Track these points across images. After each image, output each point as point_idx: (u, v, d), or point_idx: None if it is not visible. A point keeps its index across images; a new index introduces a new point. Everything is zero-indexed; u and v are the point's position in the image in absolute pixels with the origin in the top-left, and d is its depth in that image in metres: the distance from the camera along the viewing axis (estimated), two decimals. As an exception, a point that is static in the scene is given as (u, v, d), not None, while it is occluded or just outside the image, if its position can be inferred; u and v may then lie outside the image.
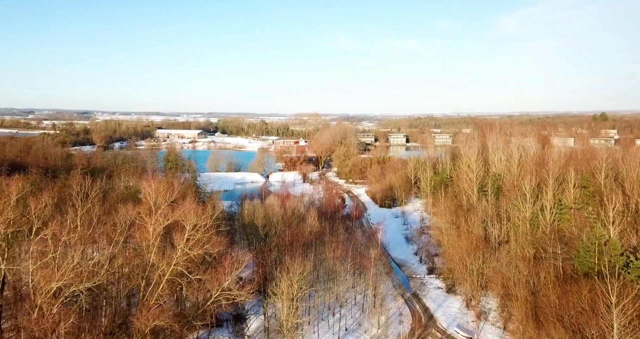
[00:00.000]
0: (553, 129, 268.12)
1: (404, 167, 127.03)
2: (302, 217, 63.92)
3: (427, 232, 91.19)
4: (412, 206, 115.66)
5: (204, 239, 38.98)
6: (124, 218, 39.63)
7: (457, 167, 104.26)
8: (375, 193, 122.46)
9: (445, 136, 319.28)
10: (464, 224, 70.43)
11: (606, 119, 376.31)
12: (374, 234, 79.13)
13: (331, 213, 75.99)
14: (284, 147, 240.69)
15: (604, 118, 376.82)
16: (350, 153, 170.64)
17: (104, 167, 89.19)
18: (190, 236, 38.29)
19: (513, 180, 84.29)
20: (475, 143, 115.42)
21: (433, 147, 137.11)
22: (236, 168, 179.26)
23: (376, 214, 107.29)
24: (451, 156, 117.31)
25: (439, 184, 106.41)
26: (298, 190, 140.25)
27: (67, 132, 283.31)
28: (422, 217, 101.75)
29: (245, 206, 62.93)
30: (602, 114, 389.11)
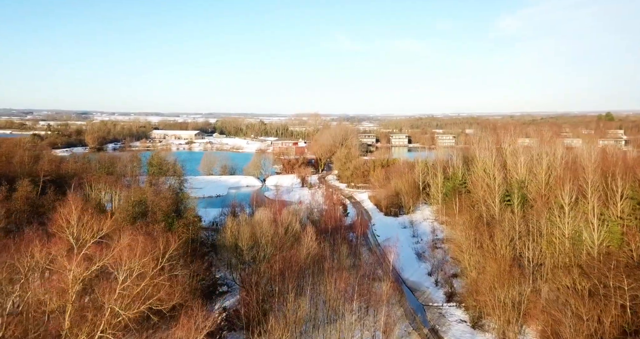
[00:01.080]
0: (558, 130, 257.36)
1: (411, 171, 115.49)
2: (297, 236, 52.54)
3: (440, 247, 79.72)
4: (421, 214, 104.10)
5: (150, 288, 27.56)
6: (26, 263, 27.98)
7: (472, 172, 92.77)
8: (379, 200, 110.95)
9: (449, 136, 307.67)
10: (488, 241, 58.96)
11: (612, 119, 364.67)
12: (384, 255, 67.31)
13: (332, 228, 64.34)
14: (282, 148, 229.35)
15: (609, 118, 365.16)
16: (351, 155, 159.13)
17: (75, 173, 77.79)
18: (122, 289, 26.78)
19: (540, 188, 72.94)
20: (489, 145, 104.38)
21: (441, 149, 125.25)
22: (231, 171, 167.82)
23: (382, 225, 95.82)
24: (462, 159, 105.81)
25: (451, 191, 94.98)
26: (296, 196, 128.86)
27: (58, 133, 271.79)
28: (433, 228, 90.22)
29: (228, 223, 51.48)
30: (608, 114, 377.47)
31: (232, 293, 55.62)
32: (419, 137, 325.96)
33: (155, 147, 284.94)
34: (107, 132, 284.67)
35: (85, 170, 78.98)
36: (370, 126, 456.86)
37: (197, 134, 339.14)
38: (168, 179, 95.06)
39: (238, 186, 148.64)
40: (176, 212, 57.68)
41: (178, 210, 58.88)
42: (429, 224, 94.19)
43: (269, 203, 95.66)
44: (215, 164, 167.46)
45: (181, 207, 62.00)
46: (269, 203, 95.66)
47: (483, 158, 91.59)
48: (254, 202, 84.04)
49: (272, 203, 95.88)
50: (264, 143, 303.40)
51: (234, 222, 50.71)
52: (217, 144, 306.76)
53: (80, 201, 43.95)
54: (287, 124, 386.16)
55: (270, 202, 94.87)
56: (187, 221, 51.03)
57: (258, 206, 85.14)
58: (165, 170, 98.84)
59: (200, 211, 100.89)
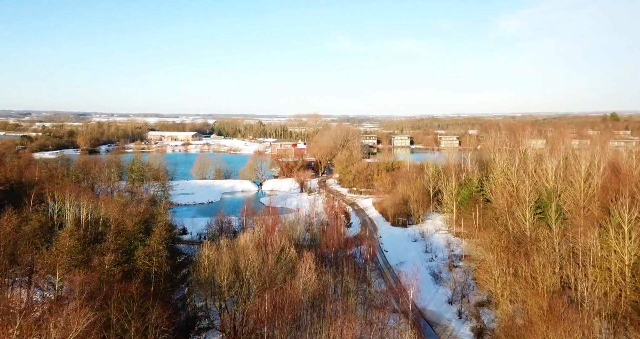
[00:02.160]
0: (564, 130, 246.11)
1: (419, 176, 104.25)
2: (292, 265, 41.46)
3: (458, 265, 68.63)
4: (432, 224, 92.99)
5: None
6: None
7: (491, 178, 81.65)
8: (385, 208, 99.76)
9: (452, 137, 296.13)
10: (525, 266, 47.89)
11: (617, 119, 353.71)
12: (399, 285, 55.26)
13: (335, 250, 52.86)
14: (280, 150, 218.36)
15: (615, 118, 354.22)
16: (353, 158, 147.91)
17: (39, 181, 66.62)
18: None
19: (577, 199, 61.76)
20: (507, 147, 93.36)
21: (452, 151, 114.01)
22: (226, 175, 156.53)
23: (389, 237, 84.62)
24: (478, 162, 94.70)
25: (467, 200, 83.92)
26: (294, 202, 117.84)
27: (49, 135, 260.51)
28: (448, 242, 79.11)
29: (205, 250, 40.23)
30: (613, 114, 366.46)
31: (215, 330, 44.49)
32: (421, 138, 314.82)
33: (151, 149, 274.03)
34: (100, 133, 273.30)
35: (52, 177, 67.90)
36: (371, 127, 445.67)
37: (194, 136, 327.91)
38: (149, 187, 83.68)
39: (232, 191, 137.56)
40: (146, 232, 46.63)
41: (149, 229, 47.82)
42: (442, 237, 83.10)
43: (264, 213, 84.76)
44: (209, 167, 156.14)
45: (152, 225, 50.65)
46: (264, 213, 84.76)
47: (503, 162, 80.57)
48: (244, 216, 72.54)
49: (267, 212, 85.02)
50: (263, 144, 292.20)
51: (211, 248, 39.65)
52: (214, 145, 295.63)
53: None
54: (286, 125, 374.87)
55: (264, 214, 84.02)
56: (150, 249, 39.71)
57: (250, 216, 74.05)
58: (148, 176, 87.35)
59: (187, 222, 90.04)
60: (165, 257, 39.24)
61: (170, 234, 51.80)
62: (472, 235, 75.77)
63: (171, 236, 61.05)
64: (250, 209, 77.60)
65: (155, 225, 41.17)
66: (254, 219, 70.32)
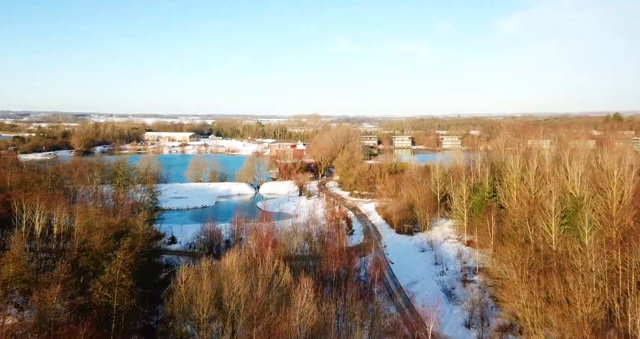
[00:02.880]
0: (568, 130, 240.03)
1: (425, 180, 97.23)
2: (286, 292, 34.47)
3: (472, 280, 61.71)
4: (440, 231, 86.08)
5: None
6: None
7: (505, 183, 74.65)
8: (389, 214, 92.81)
9: (454, 138, 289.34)
10: (558, 289, 40.96)
11: (620, 119, 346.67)
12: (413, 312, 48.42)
13: (337, 270, 45.59)
14: (279, 151, 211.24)
15: (618, 118, 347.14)
16: (355, 160, 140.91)
17: (11, 186, 59.56)
18: None
19: (609, 209, 54.80)
20: (520, 148, 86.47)
21: (458, 152, 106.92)
22: (222, 177, 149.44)
23: (395, 247, 77.68)
24: (489, 165, 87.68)
25: (479, 206, 77.01)
26: (292, 207, 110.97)
27: (43, 136, 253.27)
28: (459, 252, 72.27)
29: (182, 275, 33.05)
30: (616, 114, 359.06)
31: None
32: (423, 139, 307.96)
33: (147, 149, 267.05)
34: (95, 134, 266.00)
35: (24, 183, 60.73)
36: (371, 127, 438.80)
37: (192, 136, 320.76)
38: (134, 192, 76.48)
39: (228, 195, 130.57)
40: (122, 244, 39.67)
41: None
42: (452, 247, 76.20)
43: (259, 219, 77.87)
44: (204, 169, 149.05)
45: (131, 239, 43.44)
46: (259, 219, 77.87)
47: (518, 165, 73.60)
48: (235, 225, 65.38)
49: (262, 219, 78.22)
50: (261, 145, 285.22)
51: (190, 272, 32.67)
52: (212, 146, 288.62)
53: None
54: (285, 126, 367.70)
55: (260, 219, 77.15)
56: (111, 277, 32.18)
57: (243, 225, 67.10)
58: (134, 180, 79.88)
59: (176, 230, 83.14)
60: (129, 287, 32.17)
61: (151, 248, 44.92)
62: (485, 245, 69.05)
63: (154, 249, 54.27)
64: (243, 218, 70.47)
65: (120, 248, 33.84)
66: (247, 228, 63.37)
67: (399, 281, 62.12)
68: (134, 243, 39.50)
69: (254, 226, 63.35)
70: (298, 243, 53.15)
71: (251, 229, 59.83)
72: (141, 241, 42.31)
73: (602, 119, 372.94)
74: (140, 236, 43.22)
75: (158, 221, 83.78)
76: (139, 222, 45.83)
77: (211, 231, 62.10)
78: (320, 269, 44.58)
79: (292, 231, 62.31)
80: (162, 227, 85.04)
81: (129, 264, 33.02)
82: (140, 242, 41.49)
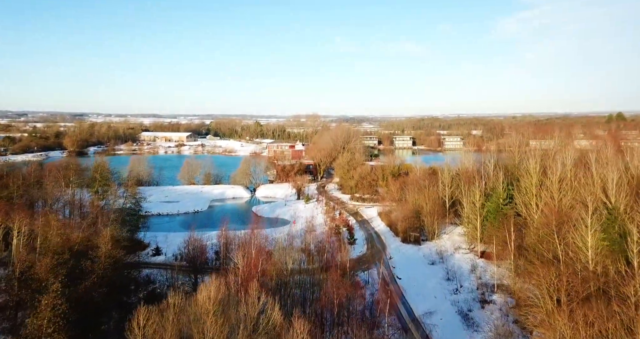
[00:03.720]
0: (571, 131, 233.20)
1: (432, 183, 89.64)
2: (275, 335, 26.74)
3: (492, 300, 54.09)
4: (449, 240, 78.58)
5: None
6: None
7: (525, 188, 67.00)
8: (394, 221, 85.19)
9: (456, 138, 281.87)
10: (614, 328, 33.30)
11: (624, 119, 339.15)
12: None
13: (339, 303, 37.34)
14: (277, 152, 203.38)
15: (621, 118, 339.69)
16: (356, 162, 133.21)
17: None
18: None
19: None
20: (536, 151, 79.04)
21: (467, 154, 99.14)
22: (216, 179, 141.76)
23: (402, 259, 70.04)
24: (502, 168, 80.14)
25: (494, 214, 69.44)
26: (289, 212, 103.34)
27: (35, 136, 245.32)
28: (473, 265, 64.75)
29: (140, 317, 25.38)
30: (619, 114, 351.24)
31: None
32: (424, 139, 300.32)
33: (142, 150, 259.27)
34: (89, 134, 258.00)
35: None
36: (371, 127, 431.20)
37: (189, 136, 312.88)
38: (110, 200, 68.53)
39: (222, 198, 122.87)
40: (72, 276, 31.79)
41: (81, 270, 33.04)
42: (465, 259, 68.65)
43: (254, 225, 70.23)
44: (197, 171, 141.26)
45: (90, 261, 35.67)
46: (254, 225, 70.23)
47: (538, 168, 66.01)
48: (223, 238, 57.53)
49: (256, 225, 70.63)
50: (260, 145, 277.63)
51: (151, 314, 25.10)
52: (209, 146, 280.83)
53: None
54: (284, 126, 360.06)
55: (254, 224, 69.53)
56: (34, 330, 23.33)
57: (231, 238, 59.44)
58: (114, 188, 71.70)
59: (162, 239, 75.54)
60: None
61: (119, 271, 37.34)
62: (502, 257, 61.51)
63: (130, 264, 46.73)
64: (234, 226, 62.82)
65: (48, 291, 25.61)
66: (237, 241, 55.76)
67: (407, 300, 54.54)
68: (95, 267, 31.84)
69: (244, 240, 55.70)
70: (294, 261, 45.53)
71: (240, 244, 52.14)
72: (103, 264, 34.65)
73: (605, 119, 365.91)
74: (102, 258, 35.47)
75: (142, 230, 76.28)
76: (103, 242, 37.78)
77: (194, 246, 54.40)
78: (319, 302, 36.89)
79: (288, 245, 54.68)
80: (146, 236, 77.61)
81: (61, 312, 25.25)
82: (102, 266, 33.86)
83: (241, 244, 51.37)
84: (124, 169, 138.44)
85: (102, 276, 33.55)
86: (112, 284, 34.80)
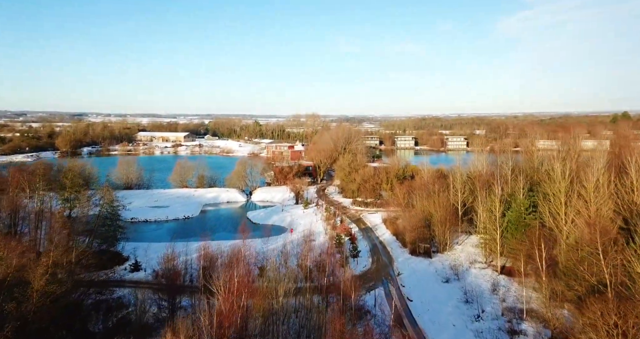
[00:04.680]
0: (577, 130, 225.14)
1: (443, 188, 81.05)
2: None
3: (521, 329, 45.62)
4: (463, 252, 70.22)
5: None
6: None
7: (552, 196, 58.40)
8: (401, 230, 76.77)
9: (460, 138, 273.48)
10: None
11: (629, 118, 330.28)
12: None
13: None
14: (276, 152, 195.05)
15: (627, 117, 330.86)
16: (358, 164, 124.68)
17: None
18: None
19: None
20: (562, 153, 70.65)
21: (480, 155, 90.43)
22: (210, 182, 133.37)
23: (411, 275, 61.51)
24: (522, 172, 71.54)
25: (515, 224, 61.02)
26: (286, 219, 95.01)
27: (26, 136, 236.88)
28: (494, 283, 56.39)
29: None
30: (625, 113, 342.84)
31: None
32: (426, 139, 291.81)
33: (137, 150, 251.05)
34: (83, 134, 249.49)
35: None
36: (371, 127, 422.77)
37: (187, 136, 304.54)
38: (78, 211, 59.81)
39: (216, 203, 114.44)
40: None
41: (5, 313, 24.97)
42: (483, 275, 60.26)
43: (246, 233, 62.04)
44: (191, 173, 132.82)
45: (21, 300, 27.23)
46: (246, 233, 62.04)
47: (568, 173, 57.49)
48: (201, 260, 48.78)
49: (245, 233, 62.65)
50: (258, 146, 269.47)
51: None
52: (207, 146, 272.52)
53: None
54: (284, 126, 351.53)
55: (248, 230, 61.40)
56: None
57: (215, 258, 50.98)
58: (85, 196, 62.74)
59: (142, 251, 67.06)
60: None
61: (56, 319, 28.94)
62: (527, 272, 53.07)
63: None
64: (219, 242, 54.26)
65: None
66: (221, 261, 47.36)
67: (422, 328, 46.13)
68: (24, 309, 23.50)
69: (231, 256, 47.31)
70: (289, 289, 37.24)
71: (224, 264, 43.73)
72: (34, 305, 26.24)
73: (609, 119, 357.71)
74: (33, 297, 26.97)
75: (121, 241, 67.87)
76: (36, 275, 28.85)
77: (171, 265, 45.93)
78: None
79: (281, 263, 46.29)
80: (127, 248, 69.31)
81: None
82: (32, 308, 25.49)
83: (225, 264, 42.95)
84: (113, 172, 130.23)
85: (31, 321, 25.29)
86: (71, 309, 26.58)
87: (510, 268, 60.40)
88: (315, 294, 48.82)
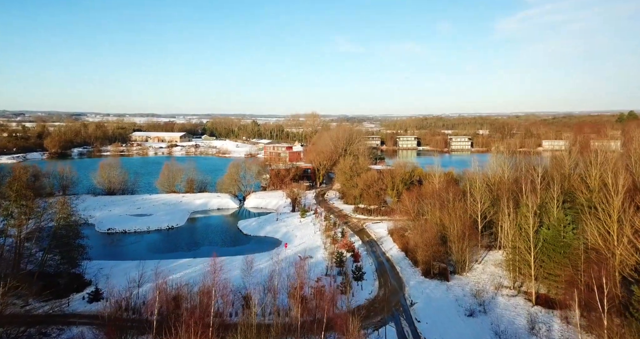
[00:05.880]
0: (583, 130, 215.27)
1: (458, 197, 70.12)
2: None
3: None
4: (484, 273, 59.40)
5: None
6: None
7: (601, 212, 47.48)
8: (412, 246, 65.81)
9: (464, 138, 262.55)
10: None
11: (636, 117, 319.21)
12: None
13: None
14: (273, 153, 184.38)
15: (633, 117, 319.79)
16: (359, 167, 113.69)
17: None
18: None
19: None
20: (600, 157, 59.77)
21: (503, 158, 79.19)
22: (201, 186, 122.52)
23: (427, 305, 50.51)
24: (556, 179, 60.55)
25: (552, 244, 50.14)
26: (281, 229, 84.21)
27: (13, 136, 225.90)
28: (530, 318, 45.35)
29: None
30: (631, 112, 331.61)
31: None
32: (429, 139, 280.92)
33: (131, 151, 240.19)
34: (74, 134, 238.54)
35: None
36: (372, 127, 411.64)
37: (183, 136, 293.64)
38: (26, 226, 48.86)
39: (205, 210, 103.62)
40: None
41: None
42: (514, 305, 49.36)
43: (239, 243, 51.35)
44: (179, 177, 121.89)
45: None
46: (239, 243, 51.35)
47: (621, 184, 46.54)
48: (158, 302, 37.64)
49: (216, 260, 51.96)
50: (256, 146, 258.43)
51: None
52: (203, 147, 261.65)
53: None
54: (283, 125, 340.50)
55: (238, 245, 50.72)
56: None
57: (182, 297, 40.00)
58: (33, 206, 51.46)
59: (104, 275, 56.18)
60: None
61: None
62: (567, 303, 42.38)
63: None
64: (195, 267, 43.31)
65: None
66: (190, 300, 36.41)
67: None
68: None
69: (203, 290, 36.45)
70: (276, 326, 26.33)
71: (193, 308, 32.73)
72: None
73: (614, 118, 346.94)
74: None
75: (81, 262, 56.91)
76: None
77: (128, 297, 34.95)
78: None
79: (269, 298, 35.36)
80: (91, 269, 58.48)
81: None
82: None
83: (194, 308, 32.01)
84: (94, 175, 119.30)
85: None
86: None
87: (547, 297, 49.69)
88: (311, 334, 38.47)
